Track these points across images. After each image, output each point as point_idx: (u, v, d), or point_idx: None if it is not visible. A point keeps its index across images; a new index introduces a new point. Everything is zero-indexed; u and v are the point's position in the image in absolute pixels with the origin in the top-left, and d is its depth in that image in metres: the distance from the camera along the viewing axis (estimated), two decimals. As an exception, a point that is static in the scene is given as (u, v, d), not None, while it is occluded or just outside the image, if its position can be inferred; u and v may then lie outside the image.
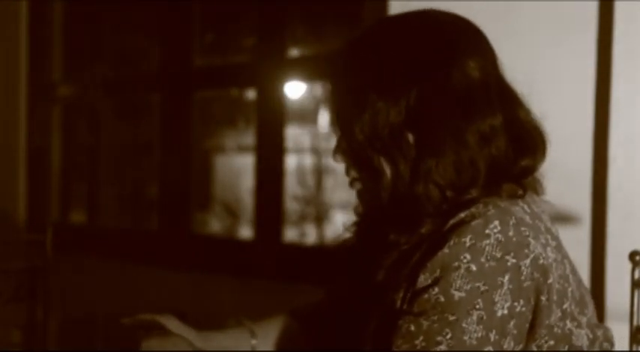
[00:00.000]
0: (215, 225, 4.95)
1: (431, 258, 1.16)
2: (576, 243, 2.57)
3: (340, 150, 1.28)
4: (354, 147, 1.25)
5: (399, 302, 1.15)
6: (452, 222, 1.17)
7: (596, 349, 1.23)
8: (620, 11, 2.50)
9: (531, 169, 1.29)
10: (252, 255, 3.86)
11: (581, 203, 2.55)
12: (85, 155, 5.30)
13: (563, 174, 2.62)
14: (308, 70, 3.84)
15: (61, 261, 4.90)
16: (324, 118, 4.92)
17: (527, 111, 1.29)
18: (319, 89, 4.42)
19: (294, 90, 4.08)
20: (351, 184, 1.30)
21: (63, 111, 5.58)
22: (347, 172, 1.28)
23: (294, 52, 4.17)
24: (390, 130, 1.20)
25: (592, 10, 2.54)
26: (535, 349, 1.17)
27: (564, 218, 2.60)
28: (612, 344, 1.26)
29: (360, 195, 1.27)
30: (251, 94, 4.67)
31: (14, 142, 5.63)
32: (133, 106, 5.31)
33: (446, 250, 1.16)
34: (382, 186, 1.21)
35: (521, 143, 1.28)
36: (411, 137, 1.21)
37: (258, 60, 4.04)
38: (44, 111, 5.53)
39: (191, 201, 4.49)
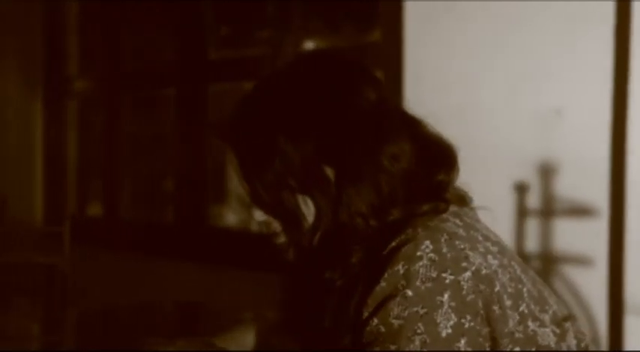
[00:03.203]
0: (230, 218, 4.96)
1: (370, 294, 1.16)
2: (594, 235, 2.57)
3: (258, 204, 1.28)
4: (271, 197, 1.25)
5: (348, 344, 1.17)
6: (384, 252, 1.17)
7: (568, 341, 1.23)
8: (638, 5, 2.50)
9: (447, 183, 1.28)
10: (268, 247, 3.87)
11: (599, 195, 2.55)
12: (101, 149, 5.32)
13: (581, 167, 2.62)
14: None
15: (78, 254, 4.93)
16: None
17: (431, 129, 1.29)
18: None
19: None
20: (276, 238, 1.29)
21: (79, 106, 5.60)
22: (268, 227, 1.28)
23: (309, 45, 4.18)
24: (305, 169, 1.20)
25: (609, 4, 2.54)
26: None
27: (582, 210, 2.60)
28: (583, 334, 1.25)
29: (288, 244, 1.27)
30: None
31: (31, 137, 5.66)
32: (148, 100, 5.32)
33: (382, 283, 1.14)
34: (306, 229, 1.22)
35: (433, 160, 1.28)
36: (329, 170, 1.22)
37: (272, 52, 4.04)
38: (60, 105, 5.56)
39: (206, 194, 4.51)
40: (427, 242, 1.14)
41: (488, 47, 2.84)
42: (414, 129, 1.26)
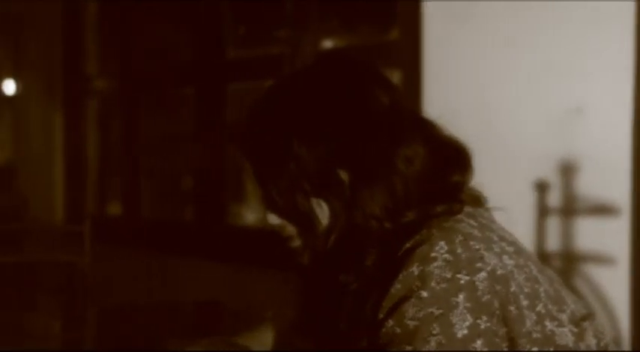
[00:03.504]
0: (250, 216, 4.96)
1: (385, 296, 1.17)
2: (615, 233, 2.56)
3: (272, 208, 1.28)
4: (285, 201, 1.25)
5: (365, 346, 1.17)
6: (399, 254, 1.17)
7: (587, 341, 1.20)
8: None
9: (462, 184, 1.28)
10: (287, 246, 3.87)
11: (620, 194, 2.54)
12: (120, 148, 5.35)
13: (602, 165, 2.61)
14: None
15: (98, 253, 4.96)
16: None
17: (445, 131, 1.29)
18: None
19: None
20: (291, 242, 1.30)
21: (99, 105, 5.63)
22: (283, 231, 1.29)
23: (327, 44, 4.18)
24: (319, 172, 1.21)
25: (630, 2, 2.52)
26: None
27: (603, 209, 2.59)
28: (603, 333, 1.25)
29: (303, 248, 1.28)
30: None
31: (51, 136, 5.69)
32: (167, 99, 5.34)
33: (397, 285, 1.15)
34: (321, 232, 1.23)
35: (447, 161, 1.27)
36: (343, 174, 1.23)
37: (291, 52, 4.05)
38: (80, 104, 5.58)
39: (226, 192, 4.52)
40: (442, 243, 1.14)
41: (508, 45, 2.83)
42: (428, 132, 1.26)
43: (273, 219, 1.28)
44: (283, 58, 4.16)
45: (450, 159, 1.25)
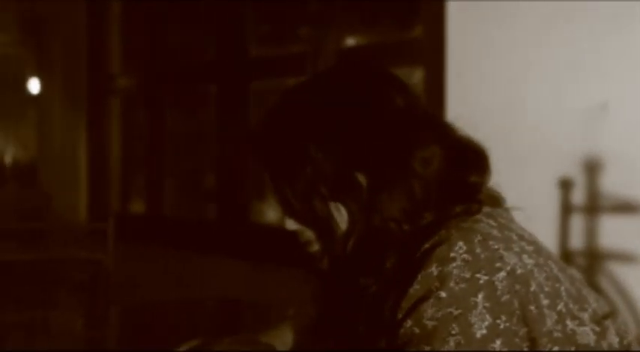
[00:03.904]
0: (272, 214, 4.97)
1: (404, 297, 1.16)
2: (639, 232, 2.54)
3: (289, 213, 1.28)
4: (303, 206, 1.25)
5: (384, 347, 1.17)
6: (418, 255, 1.17)
7: (609, 339, 1.20)
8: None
9: (480, 184, 1.28)
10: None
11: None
12: (143, 146, 5.37)
13: (626, 163, 2.59)
14: (365, 59, 3.83)
15: (121, 251, 4.98)
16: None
17: (461, 132, 1.28)
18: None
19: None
20: (309, 247, 1.30)
21: (122, 103, 5.66)
22: (302, 236, 1.29)
23: (350, 41, 4.17)
24: (336, 176, 1.21)
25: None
26: None
27: (628, 207, 2.57)
28: (626, 332, 1.24)
29: (322, 253, 1.28)
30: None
31: (75, 135, 5.73)
32: (190, 97, 5.36)
33: (416, 286, 1.14)
34: (340, 236, 1.23)
35: (464, 162, 1.27)
36: (361, 177, 1.22)
37: (313, 50, 4.05)
38: (103, 103, 5.61)
39: (248, 190, 4.52)
40: (460, 243, 1.14)
41: (532, 42, 2.82)
42: (444, 133, 1.26)
43: (292, 225, 1.28)
44: (306, 56, 4.16)
45: (467, 160, 1.25)
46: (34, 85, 6.26)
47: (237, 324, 4.11)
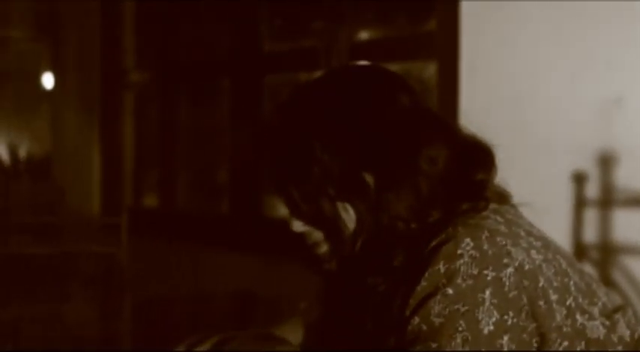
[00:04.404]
0: (285, 208, 4.98)
1: (412, 295, 1.16)
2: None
3: (296, 215, 1.28)
4: (310, 207, 1.25)
5: (392, 345, 1.17)
6: (425, 252, 1.17)
7: (619, 332, 1.19)
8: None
9: (486, 182, 1.28)
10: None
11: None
12: (157, 140, 5.38)
13: (639, 157, 2.58)
14: (378, 53, 3.83)
15: (134, 245, 4.99)
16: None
17: (465, 130, 1.29)
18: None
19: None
20: (317, 248, 1.30)
21: (135, 98, 5.67)
22: (309, 238, 1.31)
23: (363, 36, 4.17)
24: (343, 176, 1.21)
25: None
26: None
27: (642, 200, 2.57)
28: (637, 324, 1.23)
29: (330, 253, 1.28)
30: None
31: (88, 129, 5.74)
32: (203, 92, 5.36)
33: (423, 283, 1.14)
34: (348, 236, 1.22)
35: (470, 160, 1.28)
36: (368, 177, 1.22)
37: (327, 44, 4.04)
38: (117, 97, 5.62)
39: (261, 184, 4.53)
40: (467, 239, 1.13)
41: (546, 36, 2.81)
42: (450, 132, 1.27)
43: (298, 227, 1.27)
44: (319, 50, 4.16)
45: (473, 158, 1.25)
46: (48, 80, 6.28)
47: (249, 318, 4.12)
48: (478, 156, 1.25)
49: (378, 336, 1.22)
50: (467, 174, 1.23)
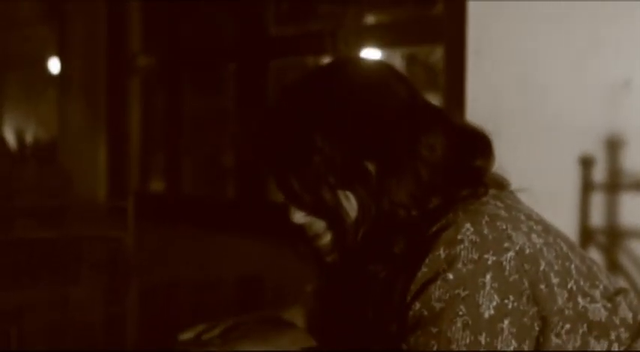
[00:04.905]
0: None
1: (413, 282, 1.16)
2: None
3: (297, 205, 1.28)
4: (311, 196, 1.24)
5: (394, 331, 1.18)
6: (426, 238, 1.17)
7: (621, 315, 1.20)
8: None
9: (485, 169, 1.29)
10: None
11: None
12: (163, 125, 5.38)
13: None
14: (385, 37, 3.82)
15: (141, 229, 5.01)
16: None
17: (461, 118, 1.30)
18: (396, 56, 4.40)
19: (371, 57, 4.06)
20: (319, 239, 1.31)
21: (141, 82, 5.67)
22: (309, 229, 1.32)
23: (370, 19, 4.15)
24: (344, 165, 1.21)
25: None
26: (554, 338, 1.15)
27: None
28: (638, 307, 1.23)
29: (332, 243, 1.28)
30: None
31: (95, 113, 5.75)
32: (209, 76, 5.36)
33: (424, 269, 1.14)
34: (350, 225, 1.22)
35: (468, 147, 1.29)
36: (370, 165, 1.22)
37: (334, 27, 4.03)
38: (123, 82, 5.62)
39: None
40: (468, 225, 1.14)
41: (553, 20, 2.80)
42: (447, 120, 1.28)
43: (299, 218, 1.27)
44: (325, 34, 4.14)
45: (470, 146, 1.26)
46: (54, 64, 6.28)
47: (256, 301, 4.13)
48: (476, 144, 1.26)
49: (380, 323, 1.22)
50: (465, 161, 1.24)
